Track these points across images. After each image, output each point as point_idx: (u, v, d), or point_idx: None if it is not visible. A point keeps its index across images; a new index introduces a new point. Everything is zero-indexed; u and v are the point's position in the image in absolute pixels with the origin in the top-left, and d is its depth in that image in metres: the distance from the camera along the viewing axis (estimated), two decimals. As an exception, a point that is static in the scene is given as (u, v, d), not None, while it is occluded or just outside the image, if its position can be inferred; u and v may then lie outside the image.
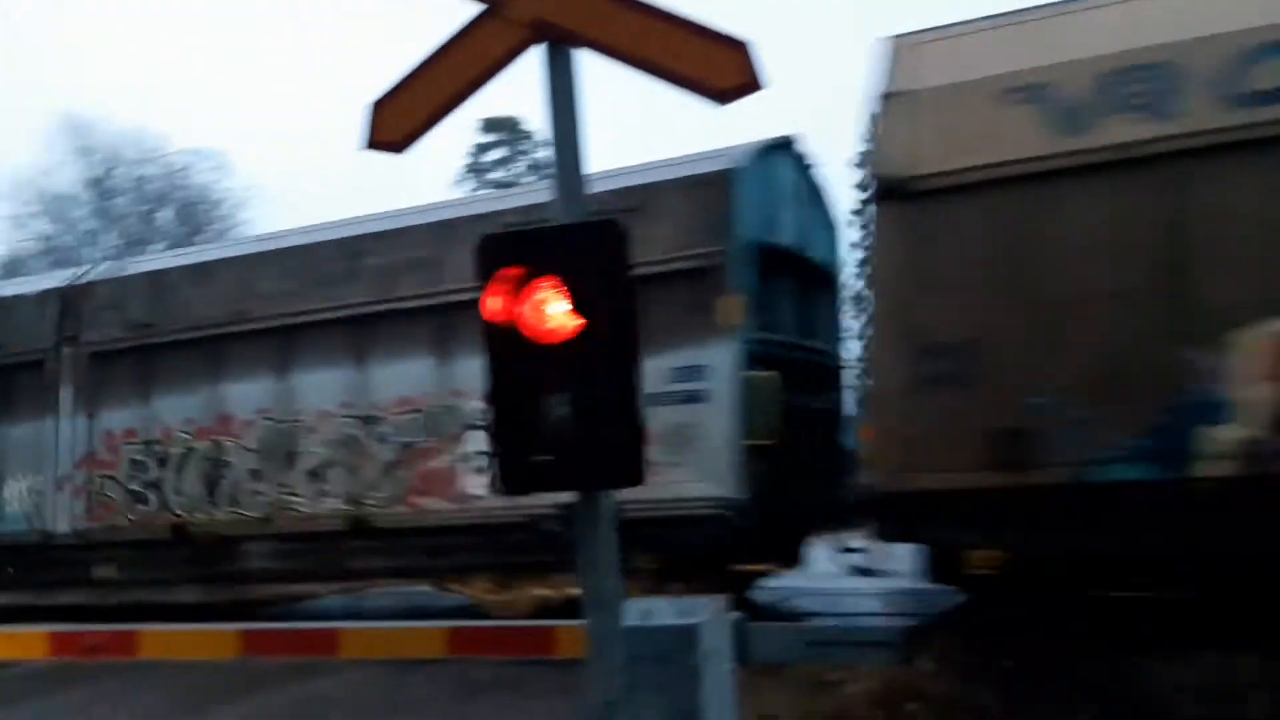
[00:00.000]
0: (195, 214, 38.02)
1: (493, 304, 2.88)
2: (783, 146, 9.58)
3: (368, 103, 3.15)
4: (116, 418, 10.96)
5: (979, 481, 6.78)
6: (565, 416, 2.84)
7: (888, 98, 7.34)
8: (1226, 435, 6.25)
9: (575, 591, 3.19)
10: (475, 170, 41.16)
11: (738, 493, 8.06)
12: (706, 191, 8.60)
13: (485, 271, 2.89)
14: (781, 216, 9.24)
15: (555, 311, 2.86)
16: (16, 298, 12.21)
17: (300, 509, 9.82)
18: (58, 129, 39.65)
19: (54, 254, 35.96)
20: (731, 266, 8.41)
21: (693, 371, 8.39)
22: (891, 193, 7.27)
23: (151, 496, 10.73)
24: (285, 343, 10.06)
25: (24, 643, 4.86)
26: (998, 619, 6.78)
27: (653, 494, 6.38)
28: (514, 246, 2.97)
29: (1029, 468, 6.68)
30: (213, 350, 10.45)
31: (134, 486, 10.83)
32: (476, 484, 8.78)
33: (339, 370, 9.76)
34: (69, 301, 11.53)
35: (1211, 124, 6.38)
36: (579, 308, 2.84)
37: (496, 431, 2.94)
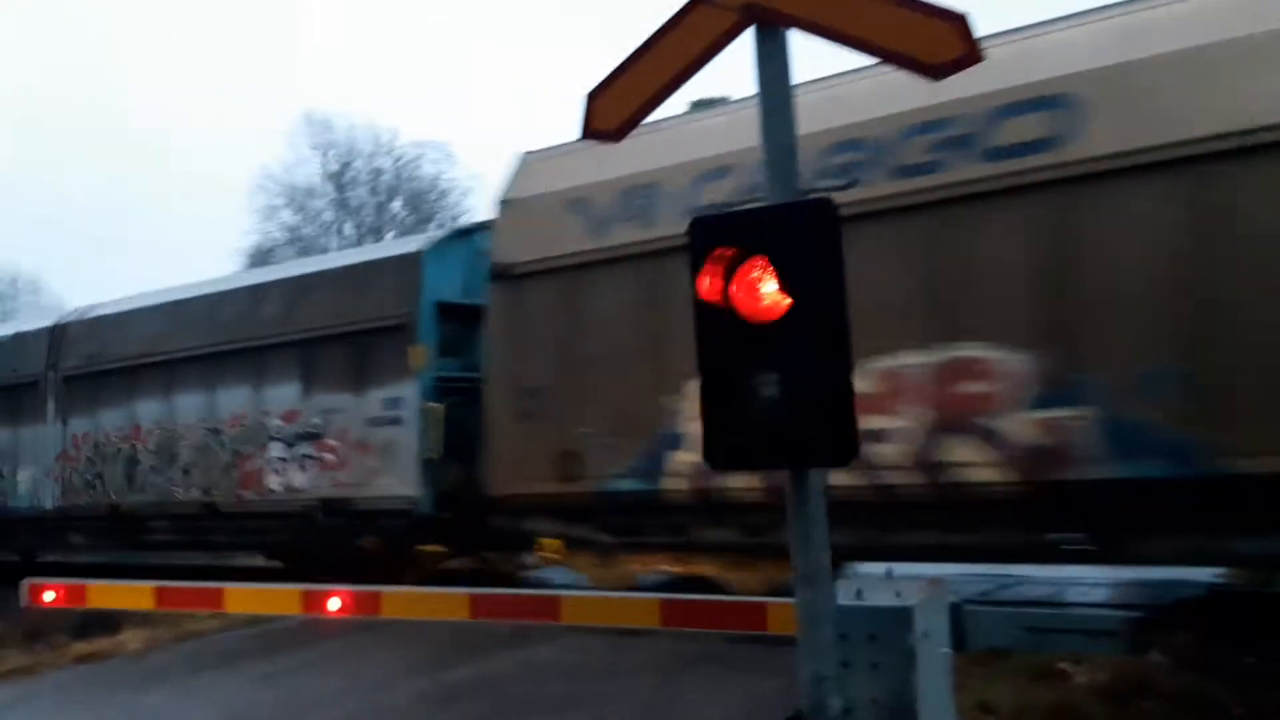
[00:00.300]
0: (423, 204, 40.01)
1: (704, 284, 2.94)
2: (465, 232, 12.30)
3: (584, 93, 3.28)
4: (78, 424, 14.80)
5: (549, 489, 9.55)
6: (774, 395, 2.87)
7: (502, 202, 10.35)
8: (681, 459, 8.66)
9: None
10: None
11: (419, 492, 10.88)
12: (401, 267, 11.57)
13: (697, 252, 2.95)
14: (461, 281, 11.48)
15: (765, 291, 2.90)
16: (23, 334, 16.59)
17: (178, 496, 13.29)
18: (300, 126, 42.65)
19: (298, 243, 38.73)
20: (418, 324, 11.12)
21: (394, 403, 11.22)
22: (497, 274, 10.12)
23: (97, 484, 14.44)
24: (169, 373, 13.61)
25: (279, 600, 5.33)
26: (1241, 614, 6.37)
27: (369, 493, 11.29)
28: (725, 227, 3.02)
29: (576, 479, 9.38)
30: (130, 377, 14.10)
31: (87, 476, 14.58)
32: (274, 481, 12.20)
33: (199, 394, 13.23)
34: (54, 338, 15.55)
35: (675, 230, 6.85)
36: (788, 287, 2.87)
37: (705, 409, 3.00)
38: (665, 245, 8.56)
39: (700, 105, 10.03)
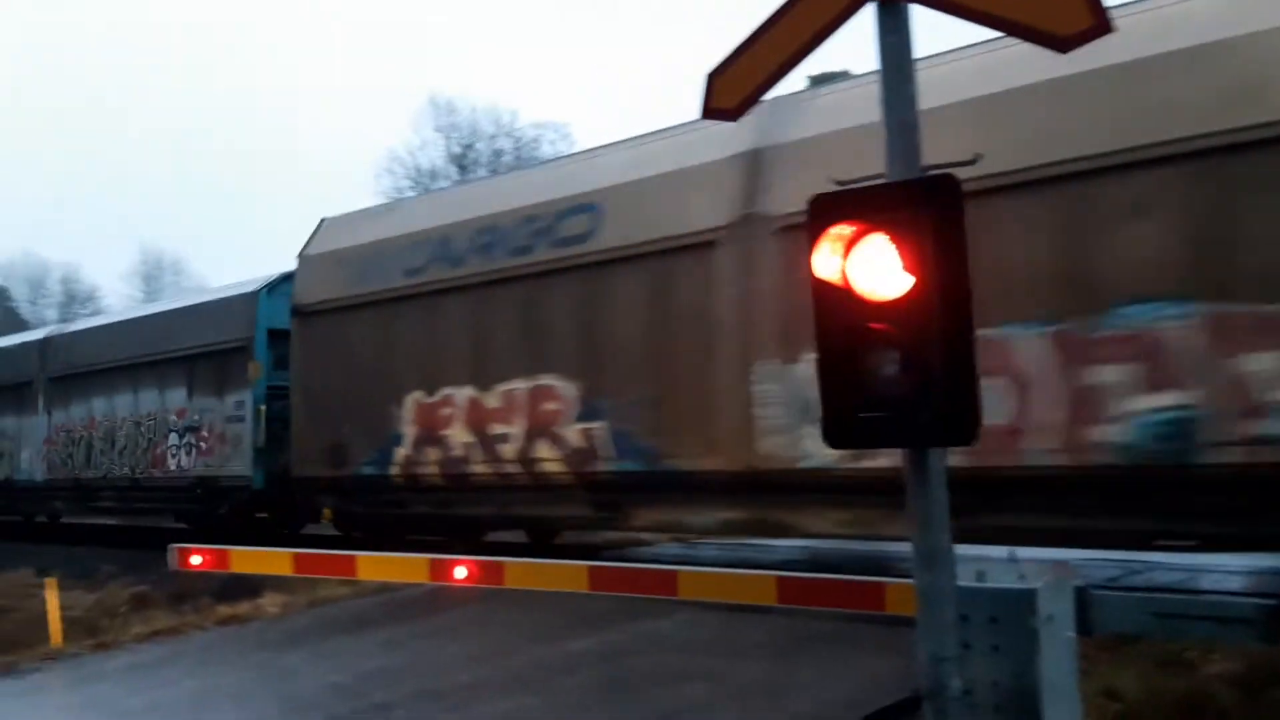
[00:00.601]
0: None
1: (822, 261, 2.94)
2: (291, 276, 14.64)
3: (705, 72, 3.29)
4: (58, 416, 19.49)
5: (326, 472, 13.07)
6: (895, 374, 2.86)
7: (299, 257, 14.08)
8: (400, 452, 12.09)
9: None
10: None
11: (252, 472, 14.99)
12: (244, 303, 15.72)
13: (816, 229, 2.95)
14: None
15: (885, 268, 2.88)
16: (24, 343, 21.77)
17: (115, 472, 17.84)
18: (425, 110, 43.58)
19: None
20: (254, 346, 15.23)
21: (240, 404, 15.33)
22: (295, 312, 13.73)
23: (68, 462, 19.13)
24: (110, 378, 18.21)
25: (408, 569, 5.53)
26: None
27: (225, 472, 15.38)
28: (845, 204, 3.00)
29: (342, 466, 12.80)
30: (87, 380, 18.78)
31: (62, 456, 19.26)
32: (171, 462, 16.55)
33: (129, 395, 17.72)
34: (44, 347, 20.47)
35: (401, 284, 12.44)
36: (909, 264, 2.84)
37: (824, 388, 3.00)
38: (392, 295, 12.45)
39: (818, 81, 9.92)
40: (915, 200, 2.91)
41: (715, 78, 3.34)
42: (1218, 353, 6.76)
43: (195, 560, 5.89)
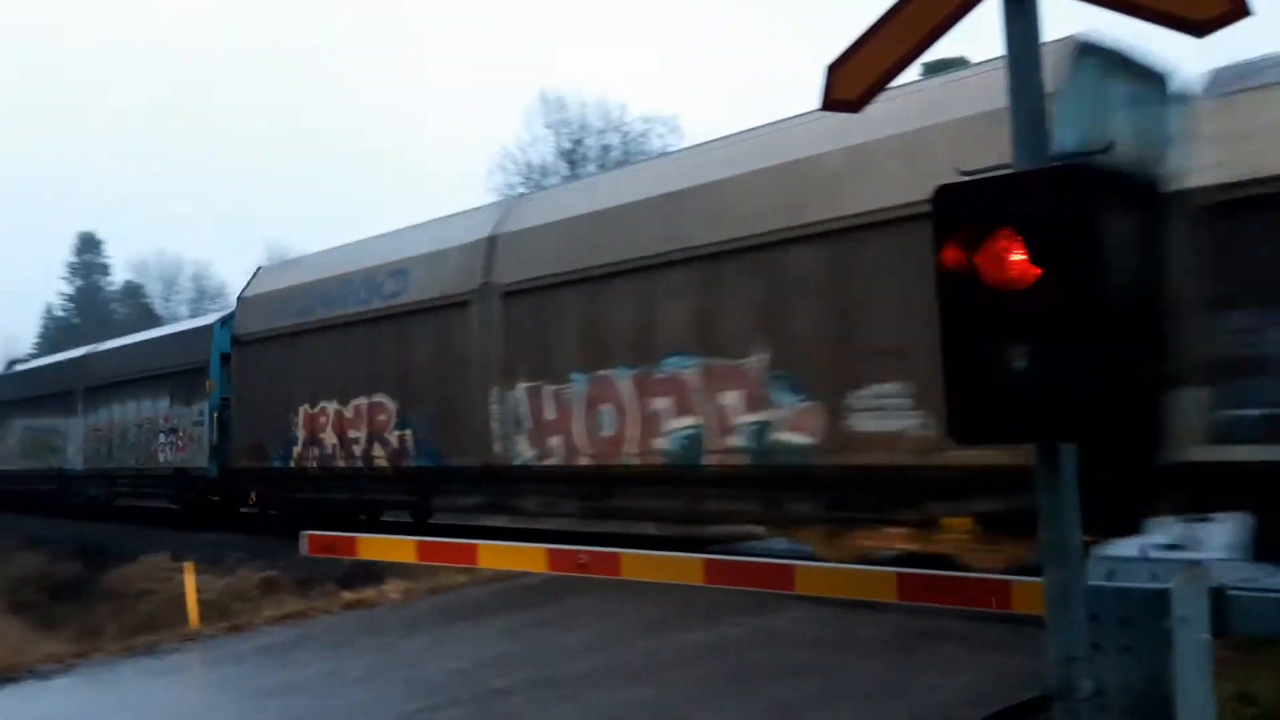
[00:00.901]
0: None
1: (949, 253, 2.90)
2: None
3: (825, 64, 3.28)
4: (91, 419, 24.39)
5: (255, 465, 17.20)
6: (1025, 367, 2.80)
7: (239, 299, 18.43)
8: (296, 449, 16.07)
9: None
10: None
11: (209, 465, 19.26)
12: (200, 335, 20.21)
13: (943, 221, 2.91)
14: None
15: (1013, 260, 2.83)
16: (61, 361, 28.60)
17: (127, 465, 22.53)
18: (536, 106, 44.11)
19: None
20: (209, 367, 19.29)
21: (201, 413, 19.60)
22: (234, 341, 17.93)
23: (95, 456, 24.08)
24: (122, 391, 22.92)
25: (527, 557, 5.63)
26: None
27: (191, 465, 20.04)
28: (971, 194, 2.96)
29: (264, 460, 16.87)
30: (110, 390, 23.53)
31: (93, 452, 24.19)
32: (160, 457, 21.01)
33: (135, 403, 22.34)
34: (81, 363, 26.03)
35: (296, 321, 16.40)
36: (1038, 257, 2.79)
37: (950, 382, 2.96)
38: (290, 331, 16.54)
39: (933, 69, 9.75)
40: (1044, 190, 2.85)
41: (835, 69, 3.32)
42: (709, 390, 10.32)
43: (325, 547, 6.11)
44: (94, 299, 79.46)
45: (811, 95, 3.41)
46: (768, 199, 9.96)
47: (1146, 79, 9.01)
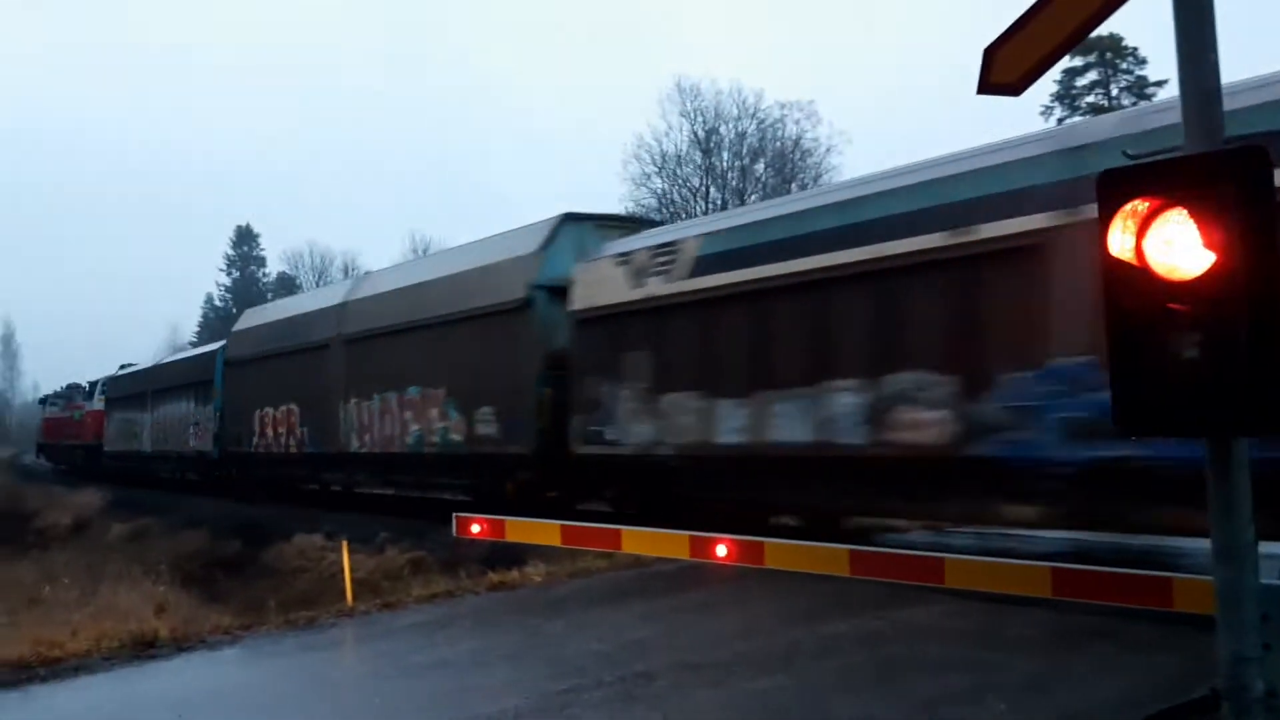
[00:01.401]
0: (786, 165, 40.22)
1: (1115, 239, 2.82)
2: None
3: (983, 48, 3.21)
4: (157, 414, 32.12)
5: (237, 450, 25.67)
6: (1195, 357, 2.71)
7: (230, 333, 27.94)
8: (254, 439, 24.76)
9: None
10: (1066, 97, 38.64)
11: (213, 449, 27.17)
12: (210, 357, 28.31)
13: (1108, 205, 2.83)
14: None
15: (1184, 247, 2.73)
16: (137, 371, 37.33)
17: (167, 449, 31.05)
18: (670, 95, 44.19)
19: (668, 209, 40.31)
20: (215, 379, 26.79)
21: (210, 411, 27.72)
22: (226, 363, 26.20)
23: (157, 441, 31.93)
24: (172, 394, 30.73)
25: (670, 544, 5.70)
26: None
27: (203, 449, 28.59)
28: (1140, 178, 2.87)
29: (240, 447, 25.43)
30: (164, 394, 31.55)
31: (156, 438, 32.07)
32: (192, 444, 28.95)
33: (173, 404, 30.50)
34: (150, 373, 34.81)
35: (267, 350, 24.69)
36: (1210, 242, 2.69)
37: (1115, 372, 2.88)
38: (254, 357, 24.46)
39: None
40: (1217, 173, 2.74)
41: (993, 52, 3.25)
42: (426, 407, 17.76)
43: (474, 529, 6.31)
44: (250, 289, 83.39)
45: (957, 78, 3.36)
46: (441, 294, 17.63)
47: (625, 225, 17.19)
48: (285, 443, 22.75)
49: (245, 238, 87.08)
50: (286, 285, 76.62)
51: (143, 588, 11.81)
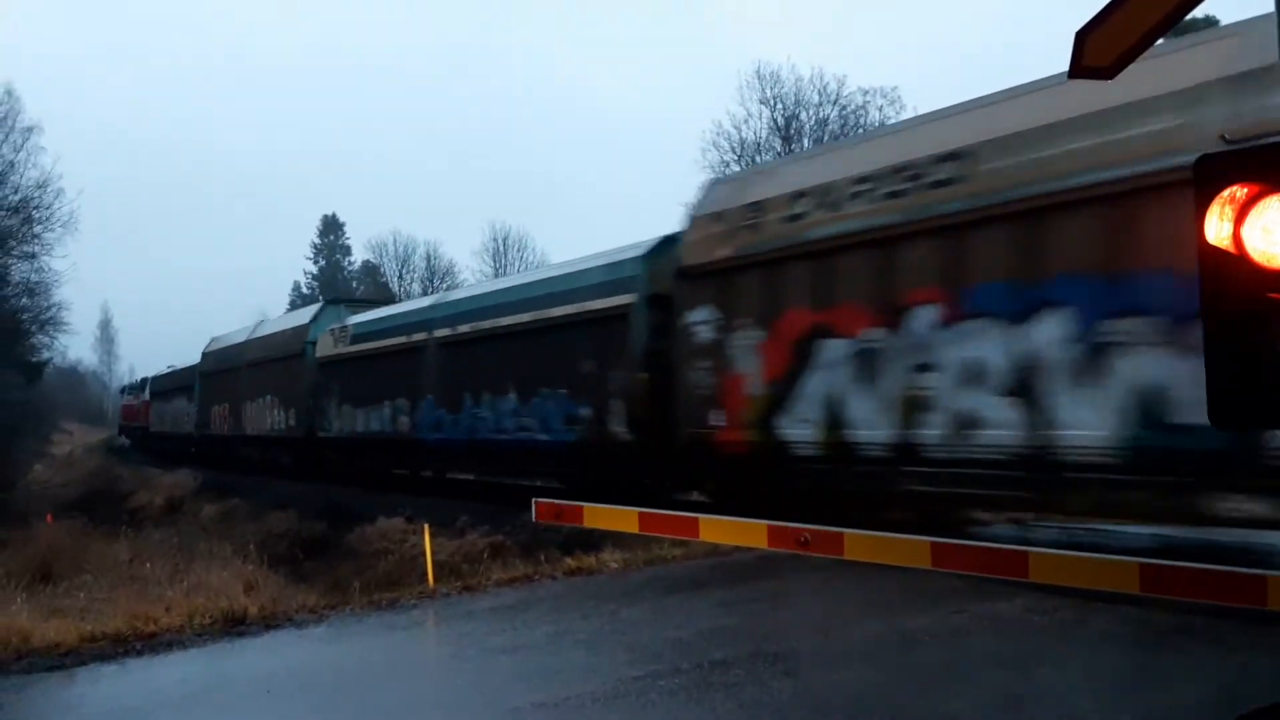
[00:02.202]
0: (869, 152, 39.59)
1: (1212, 226, 2.73)
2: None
3: (1076, 30, 3.13)
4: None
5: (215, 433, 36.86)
6: (1297, 348, 2.61)
7: (203, 354, 38.13)
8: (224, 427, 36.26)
9: None
10: (1159, 81, 37.39)
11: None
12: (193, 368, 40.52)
13: (1205, 191, 2.74)
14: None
15: (1285, 234, 2.64)
16: (189, 368, 41.82)
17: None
18: (750, 82, 43.90)
19: (747, 196, 40.02)
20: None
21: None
22: (201, 375, 37.98)
23: (200, 425, 37.95)
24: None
25: (749, 533, 5.69)
26: None
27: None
28: (1238, 164, 2.77)
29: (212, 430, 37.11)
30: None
31: (201, 423, 37.66)
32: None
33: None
34: (194, 369, 39.42)
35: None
36: (1315, 230, 2.59)
37: (1211, 364, 2.79)
38: (217, 369, 36.14)
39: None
40: (1323, 157, 2.65)
41: (1086, 36, 3.17)
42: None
43: (553, 514, 6.37)
44: (335, 276, 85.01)
45: (1041, 64, 3.28)
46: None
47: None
48: (259, 427, 30.66)
49: (331, 227, 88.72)
50: (370, 273, 77.93)
51: (232, 566, 12.17)
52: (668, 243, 14.87)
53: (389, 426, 22.66)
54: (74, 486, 37.00)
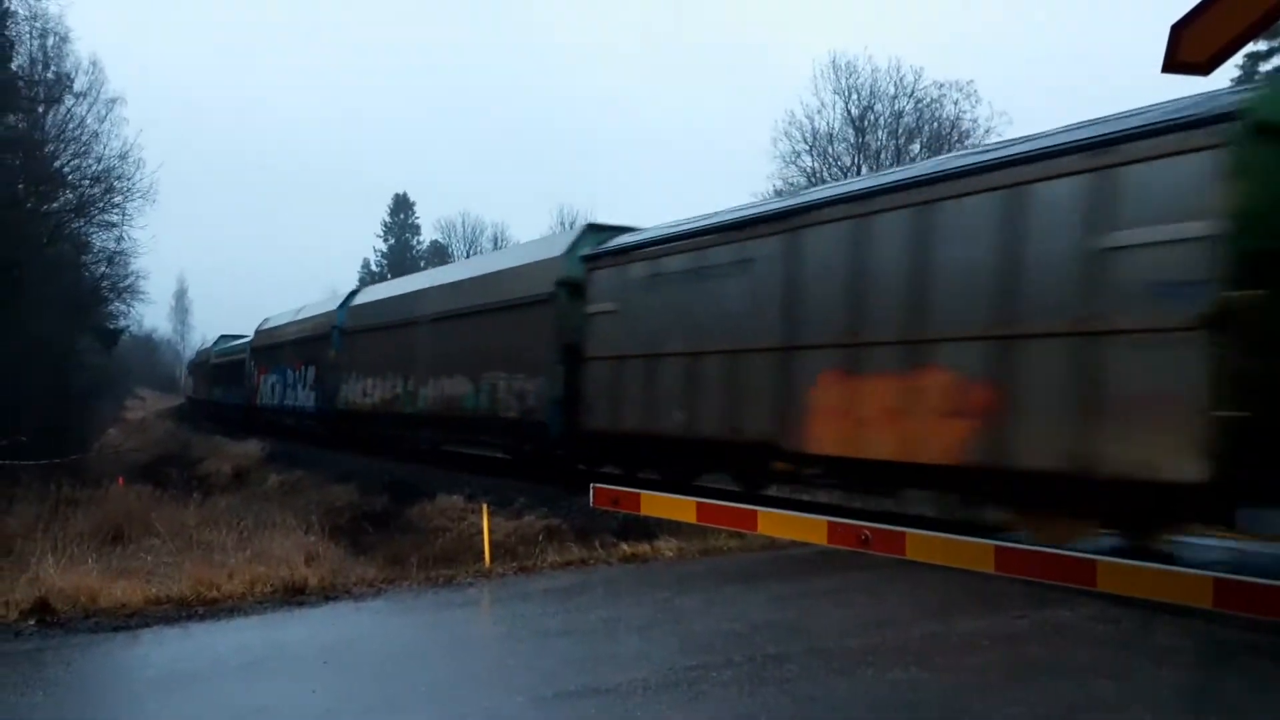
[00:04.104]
0: (944, 146, 39.10)
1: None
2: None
3: (1171, 24, 3.02)
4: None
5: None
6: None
7: (197, 357, 69.19)
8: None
9: None
10: (1249, 82, 36.32)
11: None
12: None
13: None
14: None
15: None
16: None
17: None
18: (825, 72, 43.47)
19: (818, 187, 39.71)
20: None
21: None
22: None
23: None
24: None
25: (808, 528, 5.64)
26: None
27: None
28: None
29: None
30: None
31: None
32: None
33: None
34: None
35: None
36: None
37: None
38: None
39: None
40: None
41: (1181, 30, 3.06)
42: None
43: (612, 501, 6.38)
44: (404, 256, 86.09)
45: (1123, 62, 3.18)
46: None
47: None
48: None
49: (402, 205, 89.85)
50: (439, 253, 78.74)
51: (294, 537, 12.34)
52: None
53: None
54: (145, 452, 37.96)
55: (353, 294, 32.15)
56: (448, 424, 22.43)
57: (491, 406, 19.80)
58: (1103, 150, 8.56)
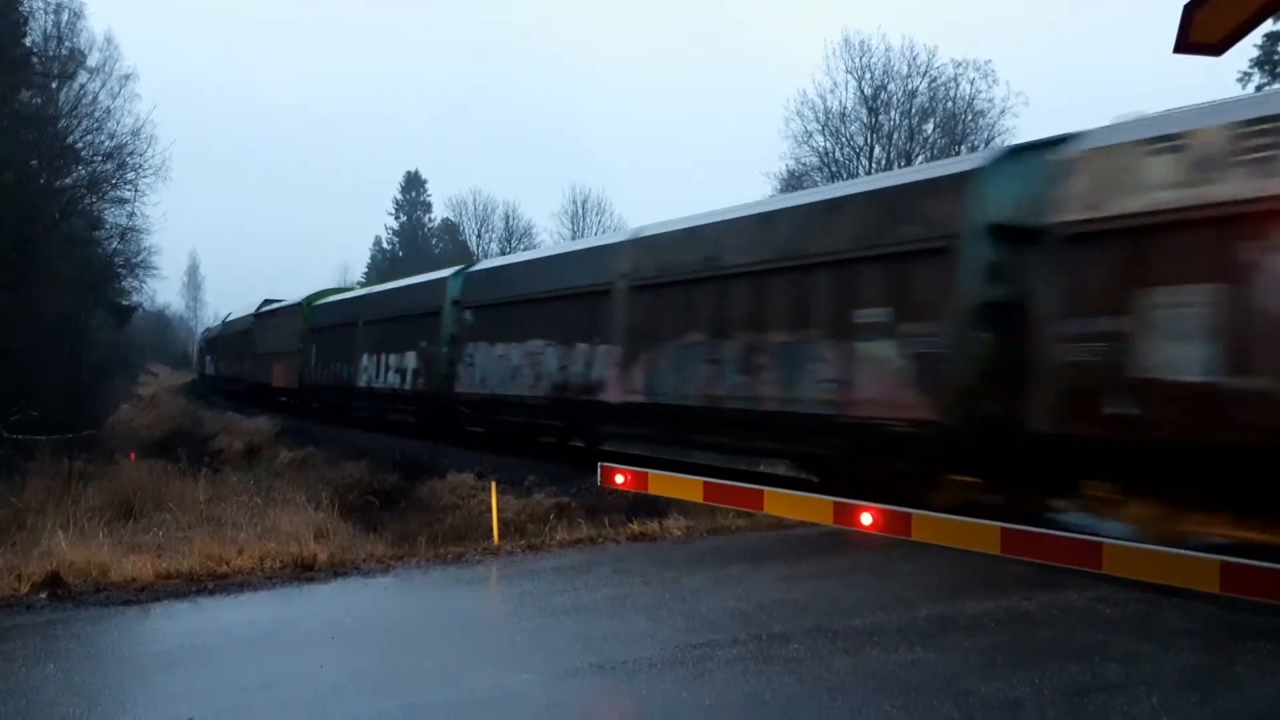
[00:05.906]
0: (957, 125, 38.83)
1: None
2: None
3: (1184, 4, 2.99)
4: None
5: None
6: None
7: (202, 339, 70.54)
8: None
9: None
10: (1266, 63, 35.98)
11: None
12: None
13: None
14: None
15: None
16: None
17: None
18: (838, 50, 43.19)
19: (829, 168, 39.54)
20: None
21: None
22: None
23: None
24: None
25: (813, 509, 5.65)
26: None
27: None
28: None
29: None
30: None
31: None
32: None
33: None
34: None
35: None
36: None
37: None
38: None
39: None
40: None
41: (1194, 10, 3.03)
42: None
43: (619, 479, 6.39)
44: (415, 234, 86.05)
45: (1146, 37, 3.14)
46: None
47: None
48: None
49: (413, 183, 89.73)
50: (450, 231, 78.68)
51: (304, 513, 12.42)
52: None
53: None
54: (157, 427, 38.15)
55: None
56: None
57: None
58: None
